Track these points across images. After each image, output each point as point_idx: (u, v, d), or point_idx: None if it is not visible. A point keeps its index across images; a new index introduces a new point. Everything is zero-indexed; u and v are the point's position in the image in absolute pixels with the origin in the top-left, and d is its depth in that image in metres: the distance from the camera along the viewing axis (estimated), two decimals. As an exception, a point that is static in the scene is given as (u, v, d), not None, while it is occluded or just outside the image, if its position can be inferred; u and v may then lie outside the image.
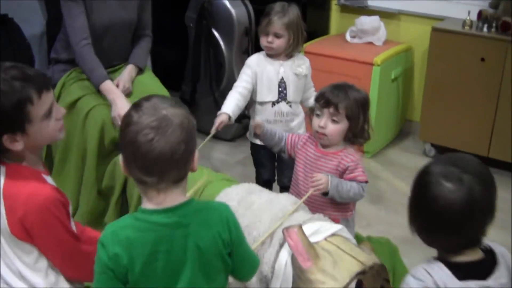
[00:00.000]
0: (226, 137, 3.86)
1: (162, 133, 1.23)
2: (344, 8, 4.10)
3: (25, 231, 1.41)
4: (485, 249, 1.30)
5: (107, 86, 2.54)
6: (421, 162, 3.51)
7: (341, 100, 1.98)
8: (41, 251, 1.45)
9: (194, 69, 3.87)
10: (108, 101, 2.55)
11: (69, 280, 1.52)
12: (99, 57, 2.60)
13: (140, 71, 2.79)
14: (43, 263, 1.47)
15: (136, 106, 1.29)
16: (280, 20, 2.45)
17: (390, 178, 3.46)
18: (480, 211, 1.24)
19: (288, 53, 2.52)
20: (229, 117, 2.40)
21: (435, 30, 3.46)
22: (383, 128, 3.71)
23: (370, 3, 3.96)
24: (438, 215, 1.25)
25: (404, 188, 3.31)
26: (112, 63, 2.77)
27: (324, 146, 2.07)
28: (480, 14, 3.38)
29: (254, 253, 1.53)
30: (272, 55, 2.52)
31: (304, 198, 1.92)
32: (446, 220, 1.25)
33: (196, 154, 1.33)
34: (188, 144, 1.28)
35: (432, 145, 3.70)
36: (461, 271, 1.25)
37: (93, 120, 2.55)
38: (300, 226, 1.57)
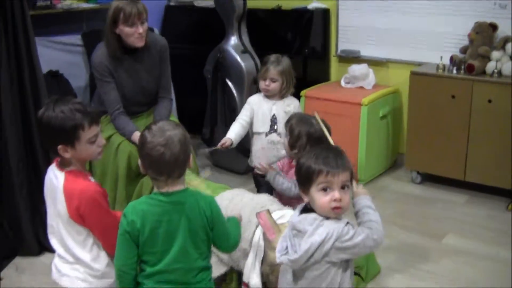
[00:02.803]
0: (240, 171, 4.43)
1: (169, 148, 1.76)
2: (342, 58, 4.71)
3: (80, 216, 1.96)
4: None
5: (136, 136, 3.10)
6: (407, 187, 4.05)
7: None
8: (90, 229, 2.00)
9: (212, 114, 4.48)
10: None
11: (108, 254, 2.07)
12: (128, 110, 3.21)
13: None
14: (90, 241, 2.02)
15: (148, 129, 1.82)
16: (275, 68, 3.07)
17: (379, 200, 3.90)
18: None
19: (281, 95, 3.13)
20: (232, 142, 3.01)
21: (413, 73, 4.01)
22: (373, 159, 4.21)
23: (362, 53, 4.57)
24: None
25: (389, 207, 3.80)
26: (137, 113, 3.35)
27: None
28: (451, 58, 3.93)
29: (234, 234, 1.97)
30: (268, 95, 3.14)
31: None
32: None
33: (191, 157, 1.88)
34: (185, 153, 1.80)
35: (418, 173, 4.17)
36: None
37: (122, 151, 3.17)
38: (268, 210, 2.13)
